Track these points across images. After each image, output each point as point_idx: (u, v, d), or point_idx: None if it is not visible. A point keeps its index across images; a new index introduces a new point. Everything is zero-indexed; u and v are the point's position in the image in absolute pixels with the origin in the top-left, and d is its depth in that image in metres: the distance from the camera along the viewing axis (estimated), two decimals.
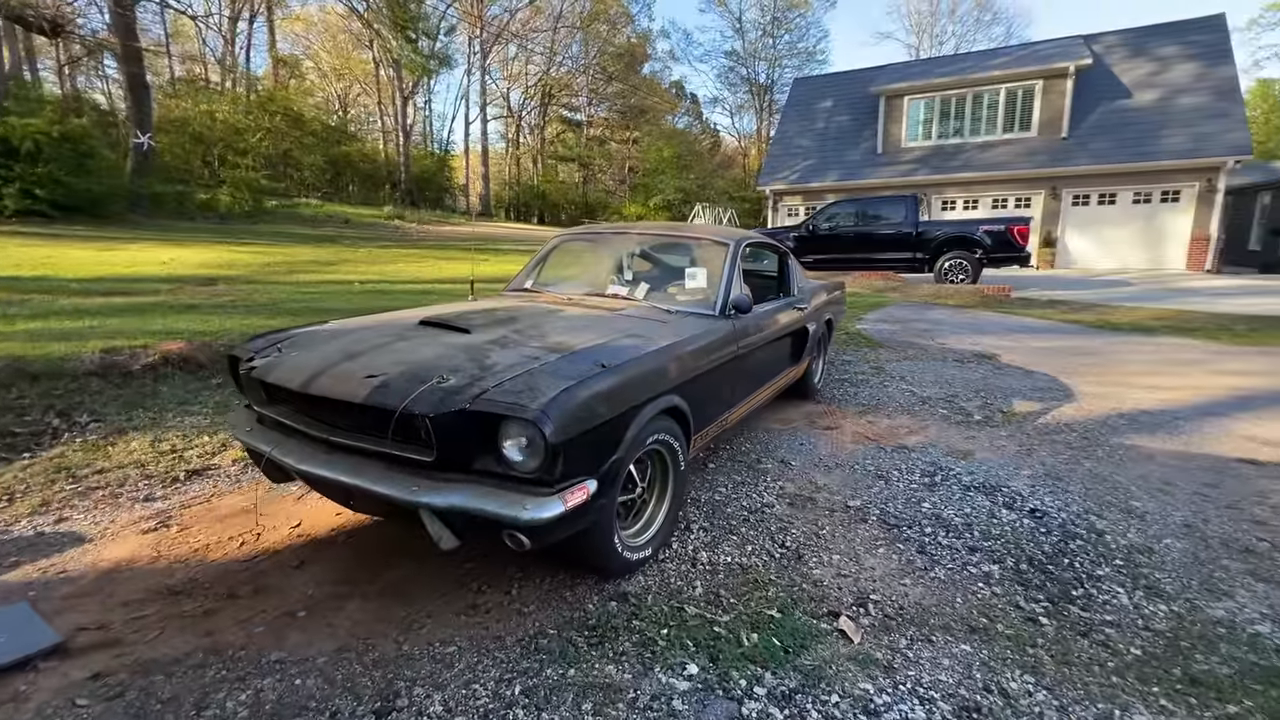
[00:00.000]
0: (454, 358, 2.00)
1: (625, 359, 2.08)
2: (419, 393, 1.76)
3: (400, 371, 1.89)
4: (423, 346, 2.12)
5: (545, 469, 1.71)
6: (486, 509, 1.68)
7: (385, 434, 1.81)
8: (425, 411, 1.71)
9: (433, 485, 1.74)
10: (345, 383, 1.90)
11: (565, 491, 1.72)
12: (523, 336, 2.27)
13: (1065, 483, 3.11)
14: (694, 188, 41.15)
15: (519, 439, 1.73)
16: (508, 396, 1.73)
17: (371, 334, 2.33)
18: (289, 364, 2.10)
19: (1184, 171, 14.64)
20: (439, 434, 1.73)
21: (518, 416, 1.67)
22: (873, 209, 12.31)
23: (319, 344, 2.25)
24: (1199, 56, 16.00)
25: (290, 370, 2.06)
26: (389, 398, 1.78)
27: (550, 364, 1.95)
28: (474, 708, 1.61)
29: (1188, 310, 8.83)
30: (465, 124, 40.76)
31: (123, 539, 2.57)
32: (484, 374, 1.86)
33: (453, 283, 8.76)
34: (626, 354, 2.12)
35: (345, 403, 1.88)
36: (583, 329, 2.41)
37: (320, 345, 2.23)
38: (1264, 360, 5.95)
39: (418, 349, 2.10)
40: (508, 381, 1.81)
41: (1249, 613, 2.09)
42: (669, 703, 1.63)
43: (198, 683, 1.72)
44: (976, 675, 1.77)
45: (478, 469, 1.79)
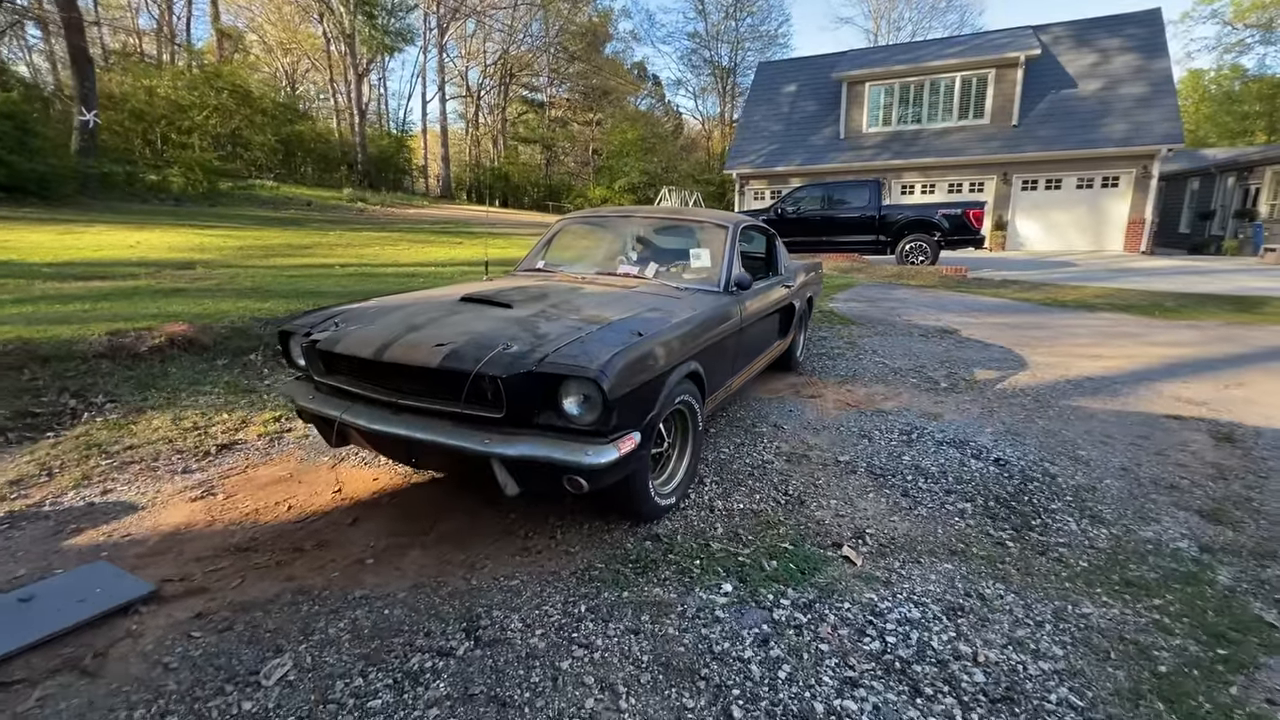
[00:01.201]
0: (508, 328, 2.23)
1: (656, 329, 2.35)
2: (490, 358, 1.99)
3: (467, 340, 2.11)
4: (476, 320, 2.35)
5: (601, 421, 1.97)
6: (554, 456, 1.94)
7: (456, 395, 2.04)
8: (498, 373, 1.95)
9: (503, 438, 1.99)
10: (417, 351, 2.11)
11: (618, 440, 2.00)
12: (560, 310, 2.51)
13: (1023, 437, 3.55)
14: (658, 171, 41.25)
15: (579, 395, 1.99)
16: (569, 359, 1.98)
17: (420, 309, 2.53)
18: (355, 336, 2.30)
19: (1123, 159, 15.60)
20: (509, 393, 1.97)
21: (580, 375, 1.92)
22: (838, 193, 12.77)
23: (376, 318, 2.45)
24: (1137, 49, 16.96)
25: (359, 341, 2.26)
26: (462, 362, 2.01)
27: (594, 333, 2.21)
28: (549, 623, 1.89)
29: (1125, 289, 9.57)
30: (423, 103, 39.75)
31: (174, 506, 2.73)
32: (541, 341, 2.11)
33: (436, 266, 8.82)
34: (656, 325, 2.40)
35: (417, 368, 2.10)
36: (610, 304, 2.66)
37: (378, 319, 2.43)
38: (1191, 333, 6.61)
39: (473, 321, 2.32)
40: (564, 347, 2.06)
41: (1172, 533, 2.53)
42: (713, 613, 1.95)
43: (296, 615, 1.95)
44: (959, 585, 2.14)
45: (540, 424, 2.05)
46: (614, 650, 1.77)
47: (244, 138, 24.70)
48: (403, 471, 3.03)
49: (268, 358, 4.72)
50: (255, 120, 24.70)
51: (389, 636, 1.85)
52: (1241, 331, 6.76)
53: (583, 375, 1.92)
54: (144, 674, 1.71)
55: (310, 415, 2.48)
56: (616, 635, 1.83)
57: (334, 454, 3.28)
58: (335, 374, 2.42)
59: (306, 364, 2.48)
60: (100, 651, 1.79)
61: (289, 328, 2.57)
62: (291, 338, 2.58)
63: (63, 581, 2.12)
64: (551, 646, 1.79)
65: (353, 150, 32.38)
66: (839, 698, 1.61)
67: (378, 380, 2.26)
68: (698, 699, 1.60)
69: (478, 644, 1.80)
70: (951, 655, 1.78)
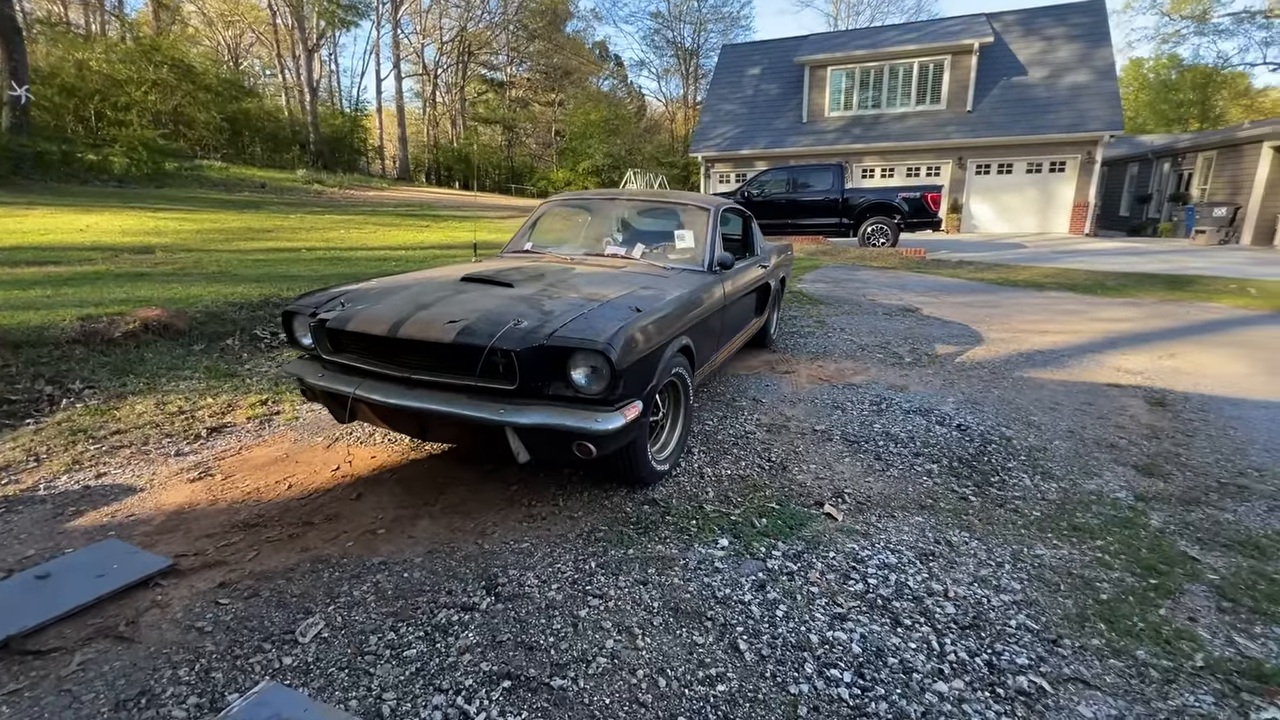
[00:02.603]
0: (514, 306, 2.34)
1: (652, 306, 2.49)
2: (503, 333, 2.10)
3: (478, 317, 2.21)
4: (482, 298, 2.45)
5: (608, 390, 2.10)
6: (565, 423, 2.08)
7: (470, 369, 2.15)
8: (511, 347, 2.06)
9: (516, 408, 2.12)
10: (430, 328, 2.20)
11: (623, 408, 2.15)
12: (559, 289, 2.63)
13: (981, 405, 3.84)
14: (622, 153, 41.01)
15: (587, 366, 2.12)
16: (577, 333, 2.11)
17: (425, 288, 2.61)
18: (366, 314, 2.37)
19: (1069, 144, 16.33)
20: (521, 366, 2.08)
21: (590, 348, 2.05)
22: (802, 177, 13.05)
23: (382, 297, 2.52)
24: (1081, 38, 17.68)
25: (370, 319, 2.33)
26: (476, 338, 2.11)
27: (596, 309, 2.34)
28: (563, 578, 2.04)
29: (1071, 269, 10.13)
30: (377, 81, 38.61)
31: (173, 488, 2.76)
32: (548, 317, 2.23)
33: (406, 249, 8.73)
34: (652, 302, 2.54)
35: (431, 344, 2.19)
36: (605, 283, 2.79)
37: (384, 298, 2.50)
38: (1130, 309, 7.10)
39: (480, 300, 2.42)
40: (571, 322, 2.19)
41: (1112, 485, 2.83)
42: (712, 564, 2.13)
43: (319, 581, 2.05)
44: (929, 535, 2.37)
45: (550, 394, 2.18)
46: (626, 599, 1.94)
47: (187, 115, 23.50)
48: (400, 449, 3.12)
49: (245, 342, 4.68)
50: (199, 97, 23.51)
51: (413, 596, 1.97)
52: (1174, 308, 7.29)
53: (591, 348, 2.05)
54: (179, 638, 1.79)
55: (320, 393, 2.54)
56: (627, 586, 2.00)
57: (329, 434, 3.33)
58: (344, 352, 2.49)
59: (314, 343, 2.53)
60: (131, 620, 1.86)
61: (293, 308, 2.62)
62: (296, 318, 2.63)
63: (77, 559, 2.16)
64: (568, 598, 1.94)
65: (304, 130, 31.20)
66: (830, 630, 1.81)
67: (390, 357, 2.35)
68: (706, 636, 1.77)
69: (498, 599, 1.93)
70: (925, 592, 2.01)
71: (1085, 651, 1.77)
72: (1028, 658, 1.73)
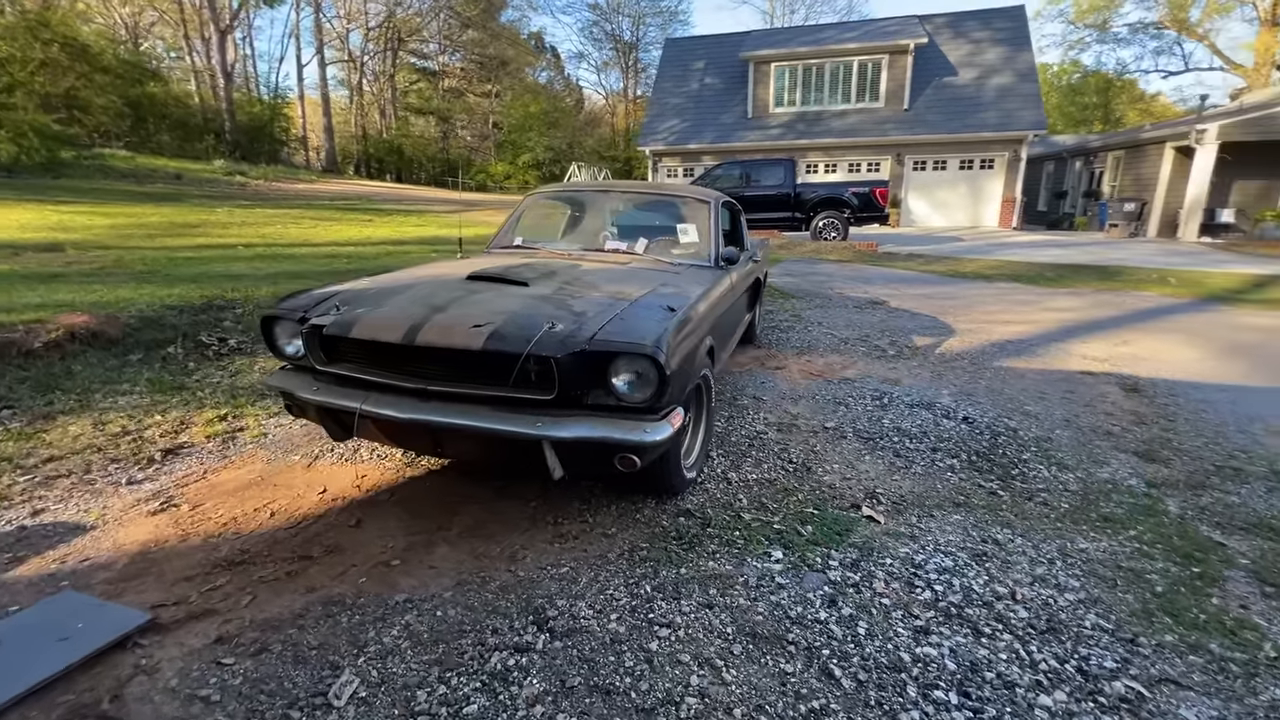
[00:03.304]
0: (540, 307, 2.12)
1: (683, 304, 2.33)
2: (540, 337, 1.88)
3: (505, 320, 1.98)
4: (501, 299, 2.21)
5: (655, 397, 1.91)
6: (610, 435, 1.88)
7: (498, 378, 1.93)
8: (551, 353, 1.85)
9: (554, 420, 1.91)
10: (454, 333, 1.96)
11: (669, 416, 1.98)
12: (579, 287, 2.42)
13: (975, 397, 3.89)
14: (563, 146, 40.37)
15: (631, 372, 1.93)
16: (621, 335, 1.92)
17: (431, 288, 2.34)
18: (372, 319, 2.09)
19: (997, 142, 17.22)
20: (561, 373, 1.87)
21: (636, 352, 1.87)
22: (754, 172, 13.15)
23: (383, 300, 2.24)
24: (1005, 41, 18.66)
25: (379, 325, 2.06)
26: (508, 344, 1.89)
27: (629, 310, 2.15)
28: (620, 606, 1.86)
29: (1010, 261, 10.65)
30: (298, 67, 35.99)
31: (132, 523, 2.39)
32: (581, 319, 2.02)
33: (354, 245, 8.17)
34: (680, 300, 2.37)
35: (456, 351, 1.95)
36: (622, 280, 2.60)
37: (387, 301, 2.22)
38: (1075, 299, 7.49)
39: (499, 301, 2.18)
40: (608, 325, 1.99)
41: (1122, 473, 2.89)
42: (773, 580, 1.99)
43: (337, 628, 1.78)
44: (973, 534, 2.33)
45: (589, 403, 1.98)
46: (695, 626, 1.78)
47: (82, 99, 21.21)
48: (393, 466, 2.83)
49: (189, 350, 4.20)
50: (95, 79, 21.27)
51: (454, 639, 1.74)
52: (1111, 297, 7.75)
53: (638, 351, 1.87)
54: (182, 713, 1.50)
55: (316, 408, 2.23)
56: (692, 611, 1.84)
57: (306, 452, 3.00)
58: (343, 361, 2.21)
59: (306, 352, 2.22)
60: (114, 693, 1.55)
61: (275, 313, 2.31)
62: (278, 323, 2.31)
63: (28, 619, 1.80)
64: (632, 630, 1.76)
65: (219, 117, 29.02)
66: (918, 645, 1.71)
67: (400, 366, 2.09)
68: (794, 663, 1.64)
69: (554, 635, 1.73)
70: (994, 596, 1.95)
71: (1163, 649, 1.75)
72: (1113, 660, 1.69)
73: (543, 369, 1.91)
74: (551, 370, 1.89)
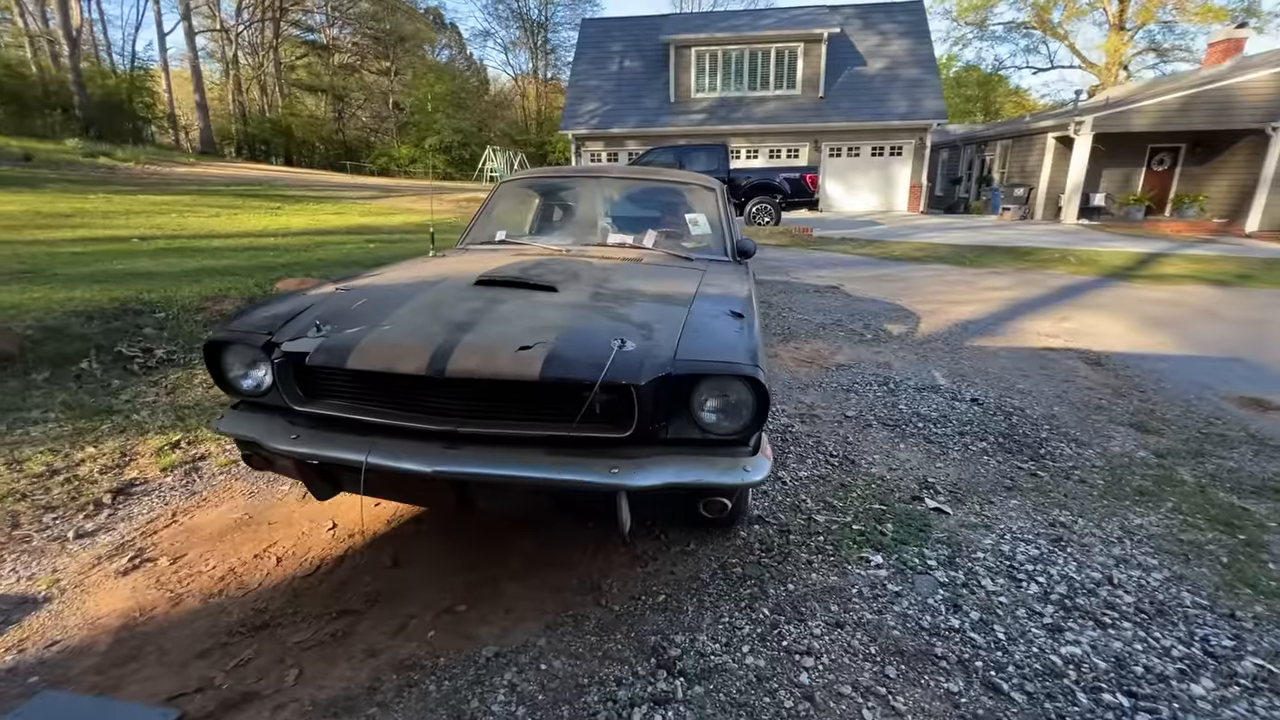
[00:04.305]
0: (590, 319, 1.76)
1: (747, 309, 2.02)
2: (612, 360, 1.49)
3: (558, 339, 1.58)
4: (535, 310, 1.81)
5: (751, 426, 1.57)
6: (705, 479, 1.52)
7: (561, 413, 1.56)
8: (631, 380, 1.47)
9: (634, 464, 1.51)
10: (495, 359, 1.53)
11: (763, 448, 1.65)
12: (616, 292, 2.07)
13: (968, 378, 4.01)
14: (472, 129, 38.63)
15: (721, 396, 1.58)
16: (708, 353, 1.59)
17: (438, 299, 1.92)
18: (376, 345, 1.62)
19: (905, 130, 18.21)
20: (642, 404, 1.51)
21: (731, 373, 1.53)
22: (687, 157, 13.10)
23: (381, 317, 1.78)
24: (907, 34, 19.72)
25: (391, 350, 1.60)
26: (574, 370, 1.49)
27: (693, 319, 1.80)
28: (746, 635, 1.69)
29: (931, 243, 11.28)
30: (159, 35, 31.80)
31: (100, 588, 1.94)
32: (650, 334, 1.66)
33: (275, 236, 7.29)
34: (741, 304, 2.06)
35: (503, 383, 1.54)
36: (657, 281, 2.27)
37: (388, 318, 1.77)
38: (1004, 278, 8.02)
39: (534, 313, 1.78)
40: (684, 340, 1.64)
41: (1130, 445, 3.05)
42: (884, 587, 1.90)
43: (429, 701, 1.49)
44: (1038, 517, 2.35)
45: (666, 439, 1.60)
46: (836, 650, 1.64)
47: None
48: None
49: (107, 364, 3.54)
50: None
51: (575, 696, 1.50)
52: (1031, 275, 8.37)
53: (733, 372, 1.53)
54: None
55: (296, 463, 1.70)
56: (824, 633, 1.70)
57: (296, 483, 2.56)
58: (330, 398, 1.74)
59: (278, 388, 1.73)
60: None
61: (226, 336, 1.79)
62: (231, 349, 1.79)
63: None
64: (772, 662, 1.60)
65: (64, 90, 25.28)
66: (1060, 646, 1.67)
67: (418, 402, 1.65)
68: (954, 680, 1.54)
69: (689, 679, 1.54)
70: (1094, 584, 1.95)
71: (1262, 621, 1.81)
72: (1228, 638, 1.73)
73: (614, 399, 1.55)
74: (629, 401, 1.52)
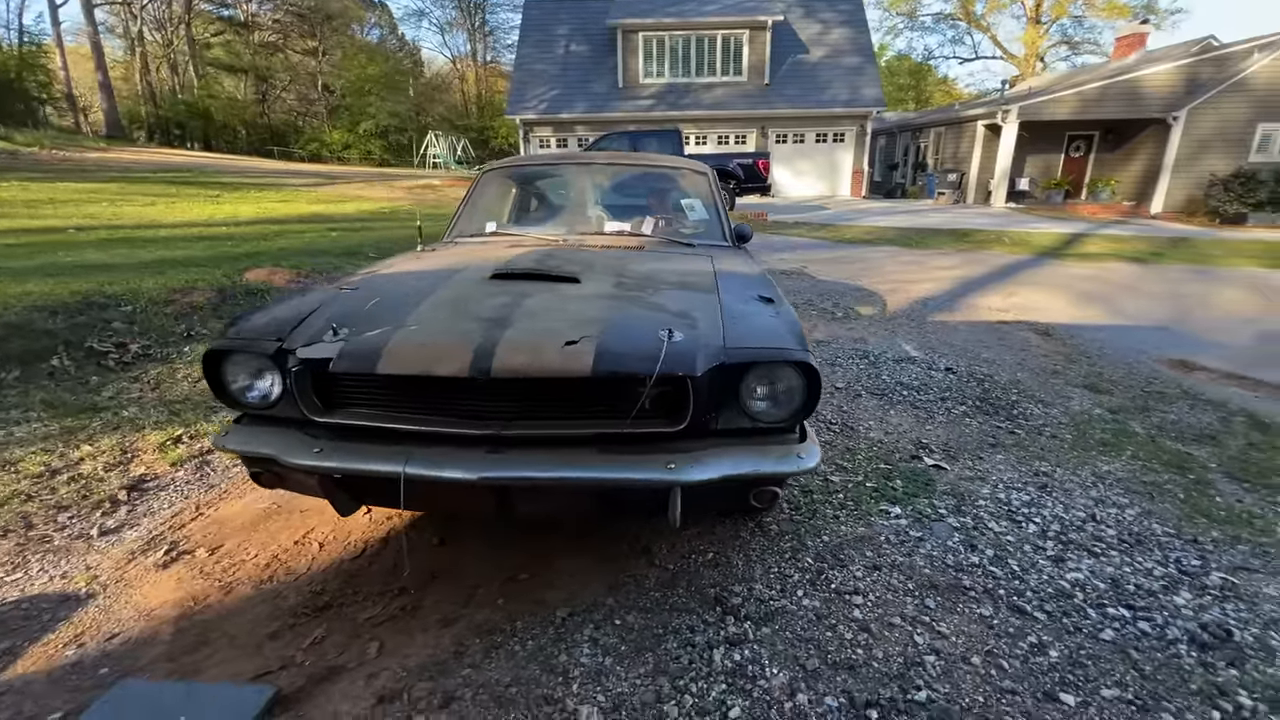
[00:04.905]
0: (626, 310, 1.74)
1: (773, 293, 2.06)
2: (667, 351, 1.48)
3: (605, 332, 1.55)
4: (567, 303, 1.75)
5: (800, 412, 1.57)
6: (761, 469, 1.51)
7: (612, 409, 1.55)
8: (687, 371, 1.47)
9: (690, 458, 1.49)
10: (542, 356, 1.47)
11: (809, 434, 1.65)
12: (639, 280, 2.05)
13: (938, 350, 4.32)
14: (409, 113, 37.25)
15: (770, 384, 1.58)
16: (759, 340, 1.60)
17: (456, 295, 1.85)
18: (409, 346, 1.54)
19: (847, 118, 18.82)
20: (697, 395, 1.49)
21: (784, 359, 1.54)
22: (642, 143, 13.15)
23: (403, 316, 1.68)
24: (847, 23, 20.31)
25: (426, 353, 1.52)
26: (628, 363, 1.47)
27: (730, 307, 1.80)
28: (797, 582, 1.84)
29: (878, 227, 11.80)
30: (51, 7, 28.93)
31: (144, 581, 1.92)
32: (693, 323, 1.64)
33: (224, 226, 6.92)
34: (765, 289, 2.11)
35: (546, 381, 1.50)
36: (670, 267, 2.31)
37: (412, 317, 1.67)
38: (951, 259, 8.52)
39: (568, 306, 1.73)
40: (728, 327, 1.63)
41: (1087, 405, 3.40)
42: (908, 533, 2.10)
43: (517, 658, 1.58)
44: (1022, 469, 2.62)
45: (717, 429, 1.58)
46: (880, 589, 1.82)
47: None
48: None
49: (81, 361, 3.37)
50: None
51: (654, 645, 1.62)
52: (975, 255, 8.92)
53: (787, 359, 1.53)
54: None
55: (321, 478, 1.59)
56: (864, 575, 1.88)
57: None
58: (352, 406, 1.65)
59: (295, 396, 1.60)
60: None
61: (228, 344, 1.67)
62: (232, 359, 1.67)
63: None
64: (826, 603, 1.76)
65: None
66: (1065, 572, 1.91)
67: (455, 406, 1.58)
68: (985, 606, 1.75)
69: (756, 622, 1.68)
70: (1081, 521, 2.22)
71: (1220, 543, 2.11)
72: (1196, 559, 2.02)
73: (666, 392, 1.52)
74: (681, 393, 1.50)
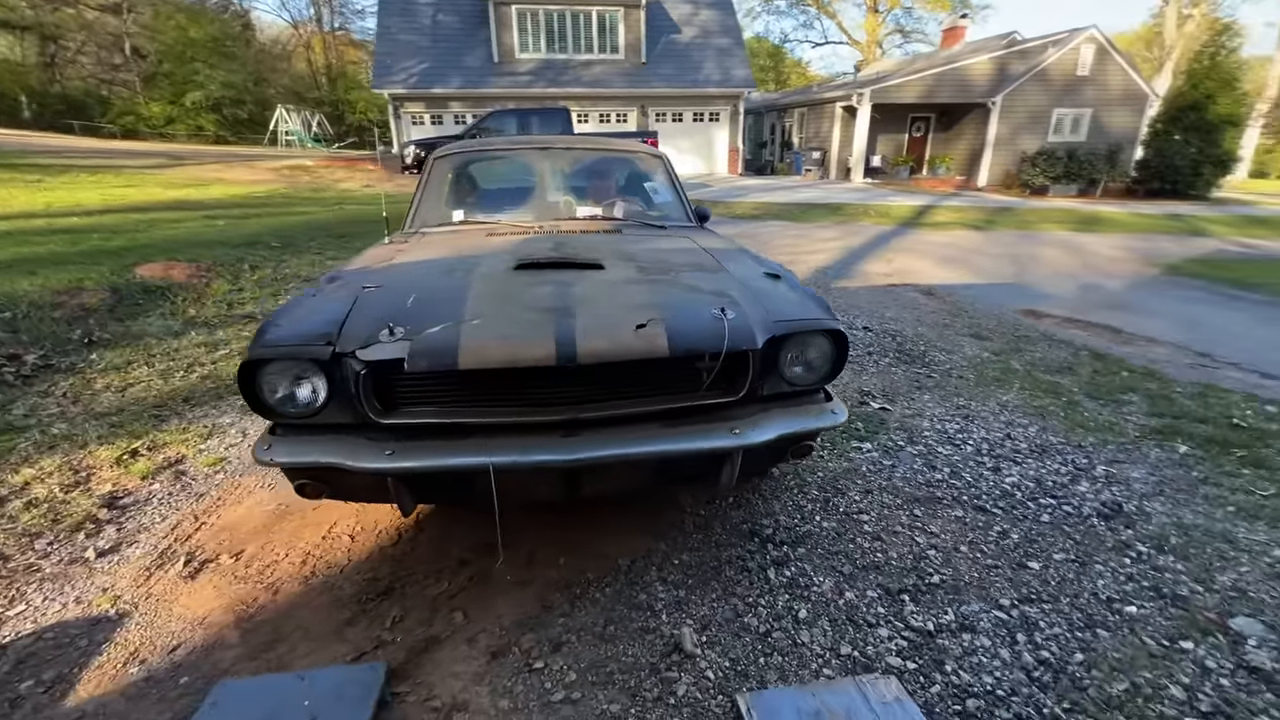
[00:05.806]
0: (668, 292, 1.84)
1: (777, 269, 2.25)
2: (730, 326, 1.63)
3: (668, 314, 1.65)
4: (611, 289, 1.84)
5: (830, 374, 1.78)
6: (808, 427, 1.72)
7: (683, 383, 1.68)
8: (749, 345, 1.63)
9: (750, 423, 1.65)
10: (618, 339, 1.56)
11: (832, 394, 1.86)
12: (653, 263, 2.18)
13: (850, 312, 4.90)
14: (246, 84, 33.11)
15: (807, 351, 1.76)
16: (795, 313, 1.77)
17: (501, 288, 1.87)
18: (489, 339, 1.55)
19: (720, 98, 19.66)
20: (754, 366, 1.66)
21: (821, 328, 1.73)
22: (530, 121, 12.96)
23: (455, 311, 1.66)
24: (714, 5, 21.07)
25: (509, 345, 1.54)
26: (699, 341, 1.59)
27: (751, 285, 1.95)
28: (812, 510, 2.17)
29: (764, 202, 12.64)
30: None
31: (177, 592, 1.85)
32: (734, 301, 1.77)
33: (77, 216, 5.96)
34: (769, 265, 2.31)
35: (627, 363, 1.59)
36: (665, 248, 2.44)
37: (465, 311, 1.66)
38: (831, 230, 9.42)
39: (613, 291, 1.82)
40: (764, 303, 1.80)
41: (975, 350, 4.08)
42: (880, 462, 2.51)
43: (600, 602, 1.76)
44: (946, 404, 3.17)
45: (764, 395, 1.75)
46: (877, 507, 2.20)
47: None
48: None
49: None
50: None
51: (715, 574, 1.87)
52: (851, 226, 9.93)
53: (824, 328, 1.74)
54: (556, 715, 1.41)
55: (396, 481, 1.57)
56: (860, 498, 2.25)
57: None
58: (415, 405, 1.64)
59: (359, 401, 1.56)
60: None
61: (273, 352, 1.55)
62: (271, 367, 1.56)
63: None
64: (840, 523, 2.10)
65: None
66: (1004, 478, 2.41)
67: (529, 395, 1.64)
68: (955, 509, 2.19)
69: (791, 545, 1.99)
70: (1000, 440, 2.77)
71: (1096, 446, 2.75)
72: (1084, 459, 2.62)
73: (727, 364, 1.66)
74: (740, 365, 1.66)
